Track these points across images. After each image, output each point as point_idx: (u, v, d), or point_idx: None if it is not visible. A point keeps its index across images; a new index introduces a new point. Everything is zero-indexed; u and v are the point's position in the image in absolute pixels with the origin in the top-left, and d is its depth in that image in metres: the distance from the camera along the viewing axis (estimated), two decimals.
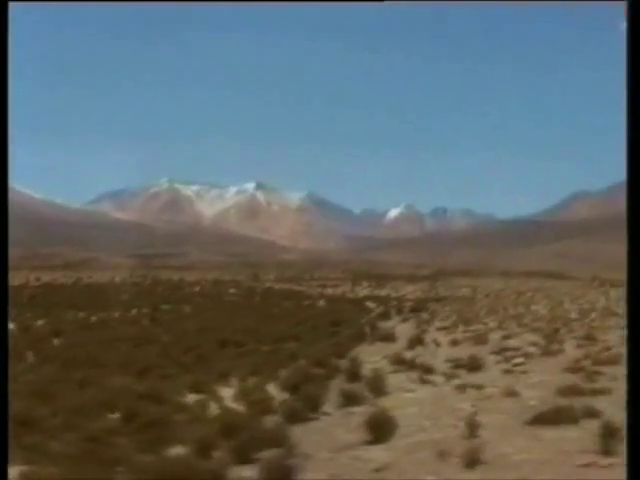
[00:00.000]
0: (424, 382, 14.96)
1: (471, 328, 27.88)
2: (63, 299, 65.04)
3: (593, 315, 30.06)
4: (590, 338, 20.53)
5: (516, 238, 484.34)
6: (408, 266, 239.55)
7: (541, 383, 13.23)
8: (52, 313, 48.68)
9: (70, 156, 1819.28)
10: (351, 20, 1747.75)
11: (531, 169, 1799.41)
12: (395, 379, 15.64)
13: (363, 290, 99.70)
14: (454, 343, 23.00)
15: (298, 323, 33.62)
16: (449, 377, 15.40)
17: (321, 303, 61.29)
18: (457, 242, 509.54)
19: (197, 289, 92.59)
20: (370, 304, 58.81)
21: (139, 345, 25.37)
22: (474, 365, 16.65)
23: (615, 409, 10.14)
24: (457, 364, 17.21)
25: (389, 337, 26.33)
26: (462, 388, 13.41)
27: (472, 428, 9.39)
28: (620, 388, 11.68)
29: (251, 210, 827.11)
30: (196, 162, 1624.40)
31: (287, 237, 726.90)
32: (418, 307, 48.91)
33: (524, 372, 15.38)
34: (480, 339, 23.09)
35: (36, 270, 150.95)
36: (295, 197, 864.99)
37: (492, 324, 28.83)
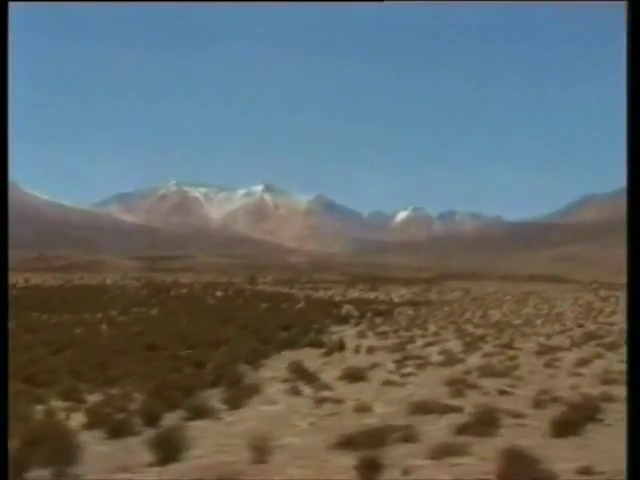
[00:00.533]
0: (295, 393, 13.74)
1: (407, 334, 26.57)
2: (40, 301, 64.17)
3: (538, 321, 28.57)
4: (507, 346, 19.27)
5: (524, 241, 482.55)
6: (412, 269, 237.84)
7: (405, 398, 11.98)
8: (17, 315, 47.76)
9: (79, 159, 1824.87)
10: (365, 33, 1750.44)
11: (540, 172, 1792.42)
12: (273, 389, 14.47)
13: (354, 293, 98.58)
14: (371, 350, 21.70)
15: (245, 327, 32.47)
16: (323, 388, 14.13)
17: (299, 306, 60.18)
18: (465, 245, 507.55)
19: (184, 291, 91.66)
20: (348, 307, 57.60)
21: (60, 349, 24.29)
22: (359, 375, 15.39)
23: (444, 432, 8.97)
24: (348, 373, 15.94)
25: (319, 343, 25.03)
26: (322, 402, 12.18)
27: (263, 452, 8.21)
28: (471, 405, 10.49)
29: (259, 212, 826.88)
30: (204, 164, 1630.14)
31: (295, 239, 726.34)
32: (384, 311, 47.66)
33: (402, 384, 14.12)
34: (399, 346, 21.84)
35: (40, 271, 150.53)
36: (303, 200, 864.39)
37: (432, 329, 27.53)
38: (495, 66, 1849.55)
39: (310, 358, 19.90)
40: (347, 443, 8.46)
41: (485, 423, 8.71)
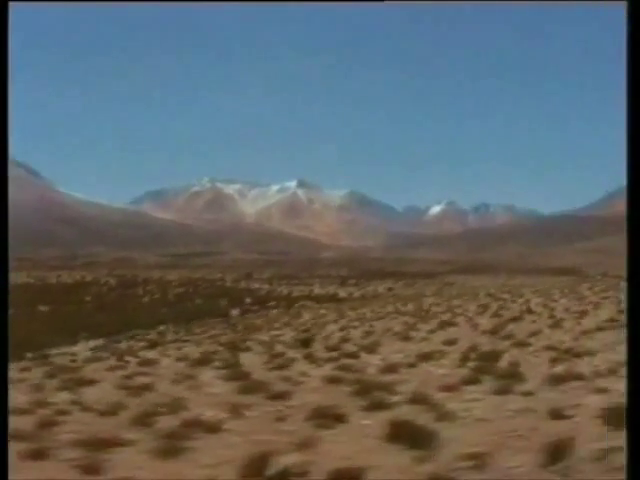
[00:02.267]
0: None
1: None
2: None
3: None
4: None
5: (558, 234, 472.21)
6: (437, 262, 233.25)
7: None
8: None
9: (112, 157, 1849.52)
10: (394, 32, 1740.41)
11: (574, 164, 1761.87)
12: None
13: (330, 289, 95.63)
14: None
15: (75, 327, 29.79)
16: None
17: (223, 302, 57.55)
18: (499, 238, 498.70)
19: (148, 288, 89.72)
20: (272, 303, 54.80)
21: None
22: None
23: None
24: None
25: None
26: None
27: None
28: None
29: (293, 208, 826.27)
30: (238, 160, 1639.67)
31: (329, 235, 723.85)
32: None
33: None
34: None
35: (60, 269, 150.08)
36: (337, 195, 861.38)
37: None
38: (531, 63, 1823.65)
39: None
40: None
41: None
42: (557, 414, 6.74)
